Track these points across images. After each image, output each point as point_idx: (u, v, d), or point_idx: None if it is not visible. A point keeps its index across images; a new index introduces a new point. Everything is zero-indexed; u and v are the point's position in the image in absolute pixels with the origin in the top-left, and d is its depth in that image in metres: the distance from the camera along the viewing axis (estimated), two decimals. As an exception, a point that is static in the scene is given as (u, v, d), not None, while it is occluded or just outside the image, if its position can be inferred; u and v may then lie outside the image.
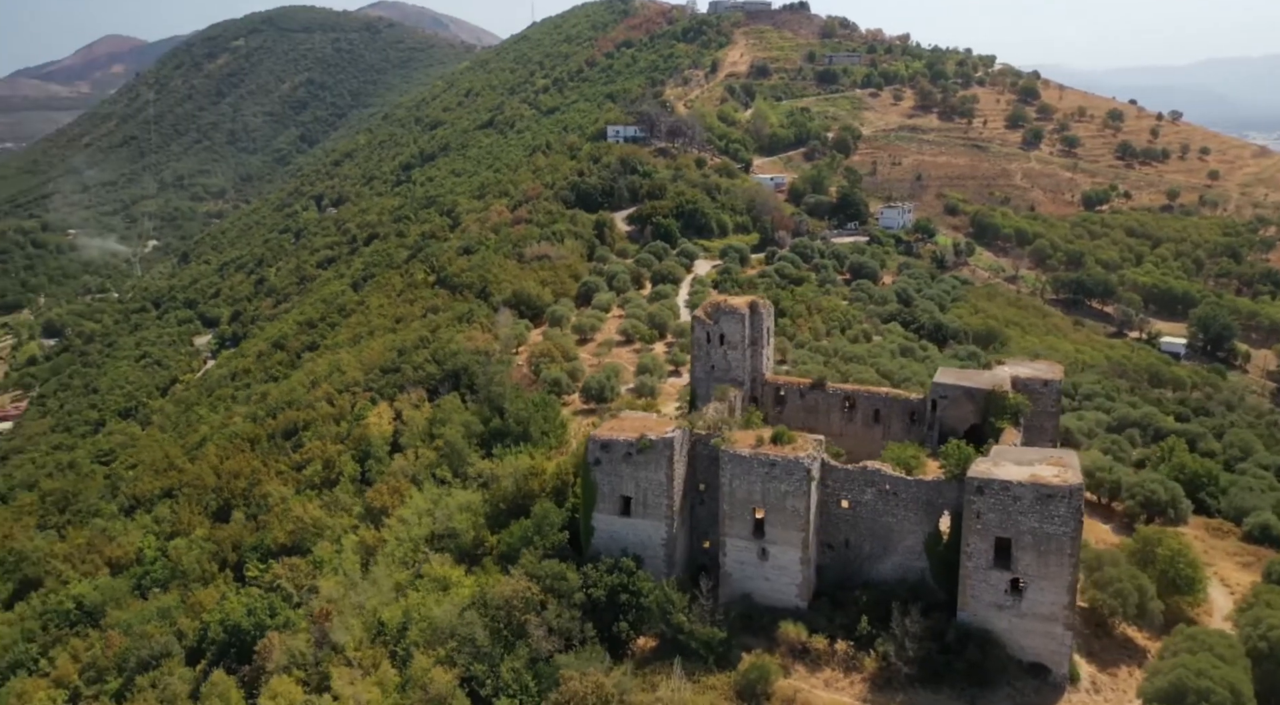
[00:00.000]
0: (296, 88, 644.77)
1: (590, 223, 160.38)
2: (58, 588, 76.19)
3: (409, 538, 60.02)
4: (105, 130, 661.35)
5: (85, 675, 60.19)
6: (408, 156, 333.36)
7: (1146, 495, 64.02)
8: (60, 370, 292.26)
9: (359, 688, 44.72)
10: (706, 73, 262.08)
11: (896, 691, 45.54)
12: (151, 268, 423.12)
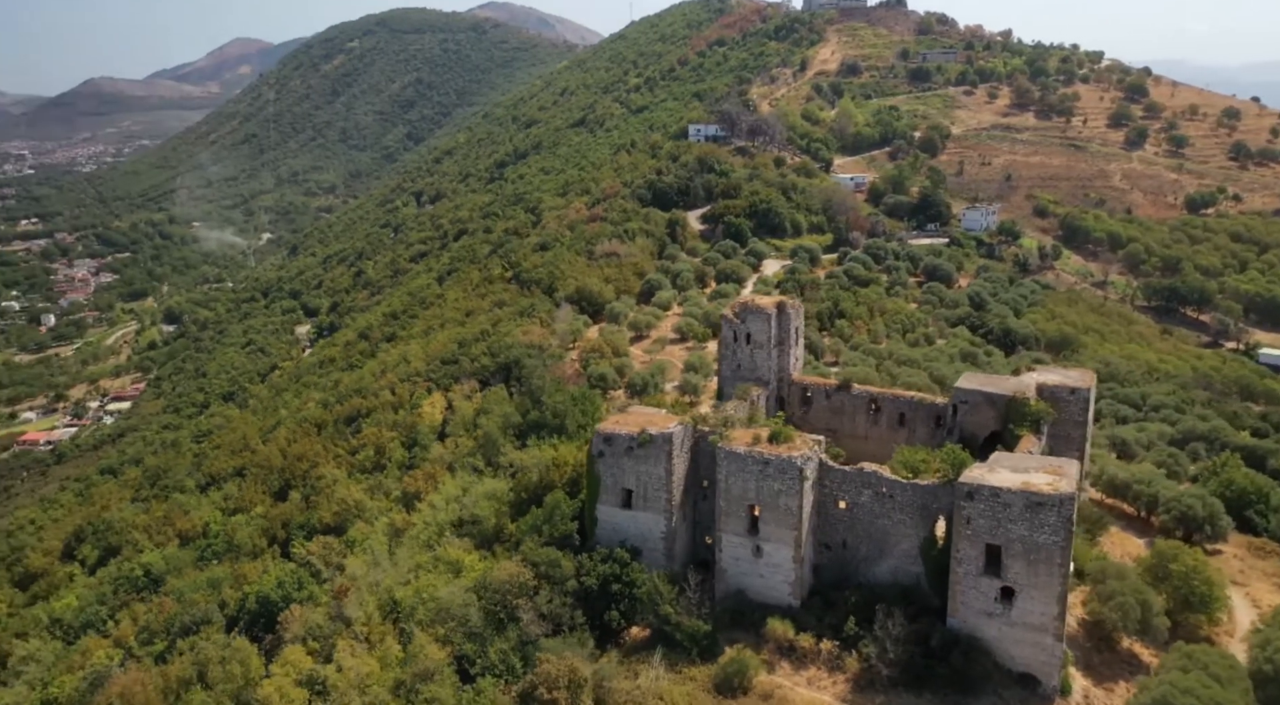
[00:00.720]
0: (405, 87, 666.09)
1: (663, 221, 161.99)
2: (132, 556, 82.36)
3: (435, 522, 62.90)
4: (229, 128, 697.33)
5: (140, 637, 65.36)
6: (502, 154, 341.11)
7: (1182, 510, 61.77)
8: (175, 355, 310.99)
9: (360, 660, 47.56)
10: (795, 71, 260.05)
11: (877, 693, 45.71)
12: (264, 259, 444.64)
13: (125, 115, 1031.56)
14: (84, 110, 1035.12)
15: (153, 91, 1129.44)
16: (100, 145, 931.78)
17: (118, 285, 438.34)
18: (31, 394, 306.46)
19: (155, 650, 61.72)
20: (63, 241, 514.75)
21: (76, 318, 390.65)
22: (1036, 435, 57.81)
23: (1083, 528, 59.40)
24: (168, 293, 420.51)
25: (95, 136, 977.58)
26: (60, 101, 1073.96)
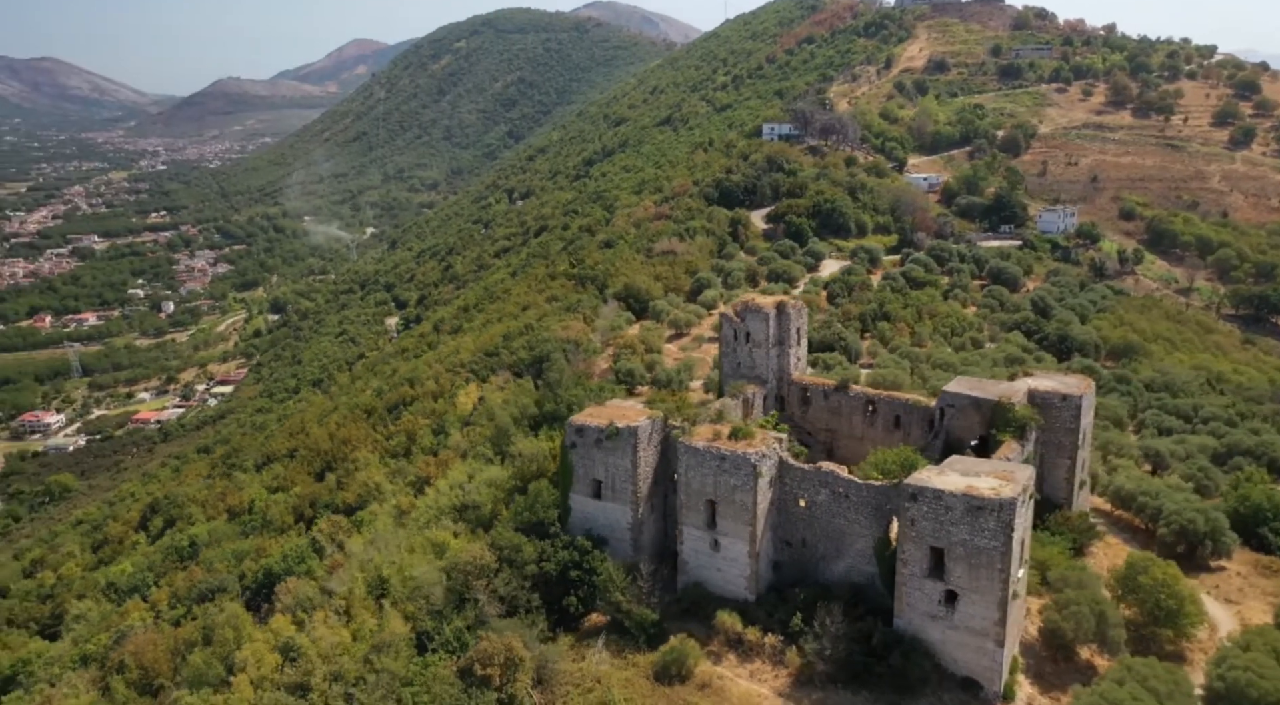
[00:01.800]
0: (508, 86, 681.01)
1: (726, 219, 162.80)
2: (185, 528, 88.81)
3: (436, 506, 66.18)
4: (342, 126, 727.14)
5: (170, 601, 70.90)
6: (590, 152, 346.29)
7: (1182, 524, 59.94)
8: (276, 342, 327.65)
9: (333, 631, 50.95)
10: (879, 68, 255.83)
11: (815, 689, 46.48)
12: (365, 253, 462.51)
13: (250, 114, 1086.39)
14: (213, 109, 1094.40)
15: (276, 91, 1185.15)
16: (227, 142, 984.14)
17: (232, 275, 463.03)
18: (147, 376, 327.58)
19: (177, 614, 67.05)
20: (187, 233, 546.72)
21: (193, 305, 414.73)
22: (1020, 441, 57.18)
23: (1069, 537, 58.62)
24: (275, 283, 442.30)
25: (222, 134, 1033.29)
26: (192, 101, 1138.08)
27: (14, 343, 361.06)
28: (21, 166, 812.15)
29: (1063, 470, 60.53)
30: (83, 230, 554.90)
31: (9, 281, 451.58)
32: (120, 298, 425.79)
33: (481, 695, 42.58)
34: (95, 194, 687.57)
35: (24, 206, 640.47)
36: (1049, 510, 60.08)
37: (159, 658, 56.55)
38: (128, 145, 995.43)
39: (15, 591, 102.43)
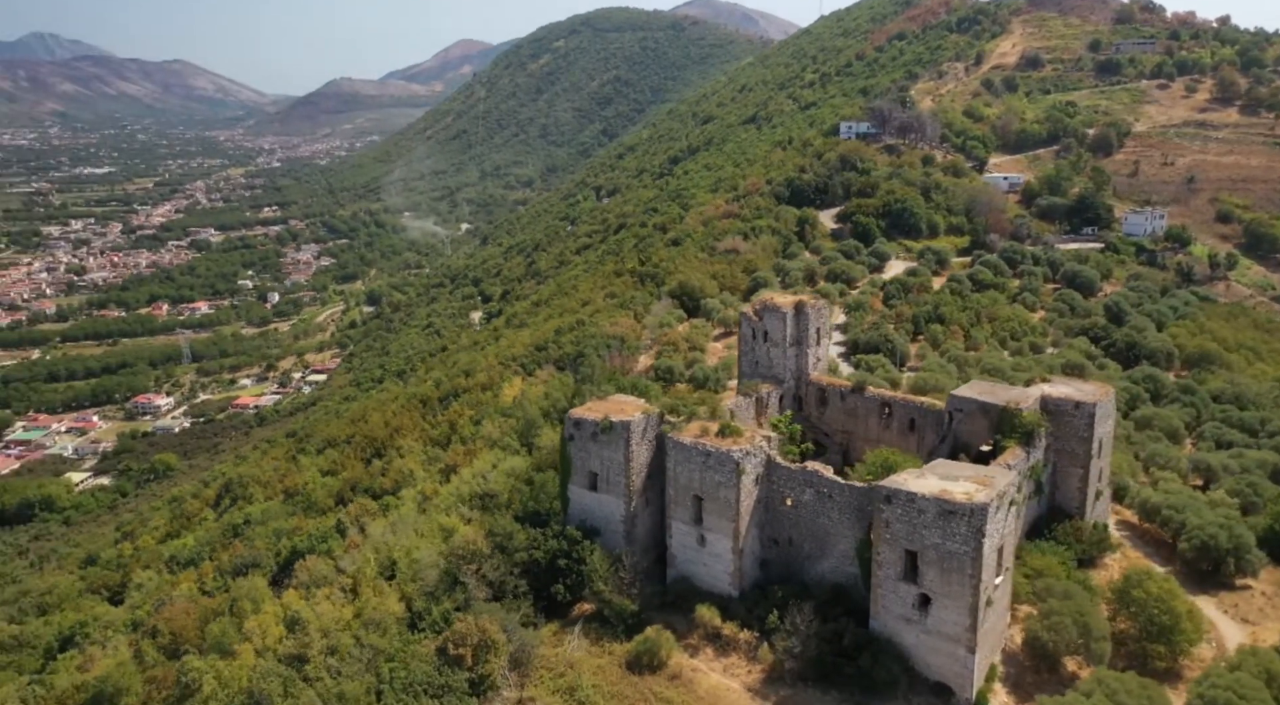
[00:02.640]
0: (604, 85, 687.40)
1: (793, 219, 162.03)
2: (244, 506, 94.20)
3: (457, 493, 68.71)
4: (443, 125, 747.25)
5: (214, 574, 75.60)
6: (676, 150, 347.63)
7: (1204, 540, 57.68)
8: (369, 333, 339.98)
9: (334, 607, 53.83)
10: (968, 65, 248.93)
11: (785, 686, 46.88)
12: (459, 248, 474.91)
13: (360, 113, 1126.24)
14: (326, 108, 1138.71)
15: (385, 91, 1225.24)
16: (337, 140, 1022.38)
17: (333, 268, 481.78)
18: (250, 363, 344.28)
19: (216, 585, 71.54)
20: (294, 228, 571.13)
21: (295, 297, 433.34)
22: (1025, 448, 56.09)
23: (1077, 547, 57.20)
24: (373, 277, 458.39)
25: (334, 132, 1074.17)
26: (307, 101, 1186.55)
27: (134, 329, 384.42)
28: (151, 163, 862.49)
29: (1075, 479, 59.02)
30: (201, 224, 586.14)
31: (133, 271, 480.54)
32: (231, 288, 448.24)
33: (453, 674, 44.58)
34: (215, 189, 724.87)
35: (150, 201, 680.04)
36: (1061, 519, 58.77)
37: (187, 625, 60.75)
38: (247, 143, 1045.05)
39: (101, 560, 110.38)
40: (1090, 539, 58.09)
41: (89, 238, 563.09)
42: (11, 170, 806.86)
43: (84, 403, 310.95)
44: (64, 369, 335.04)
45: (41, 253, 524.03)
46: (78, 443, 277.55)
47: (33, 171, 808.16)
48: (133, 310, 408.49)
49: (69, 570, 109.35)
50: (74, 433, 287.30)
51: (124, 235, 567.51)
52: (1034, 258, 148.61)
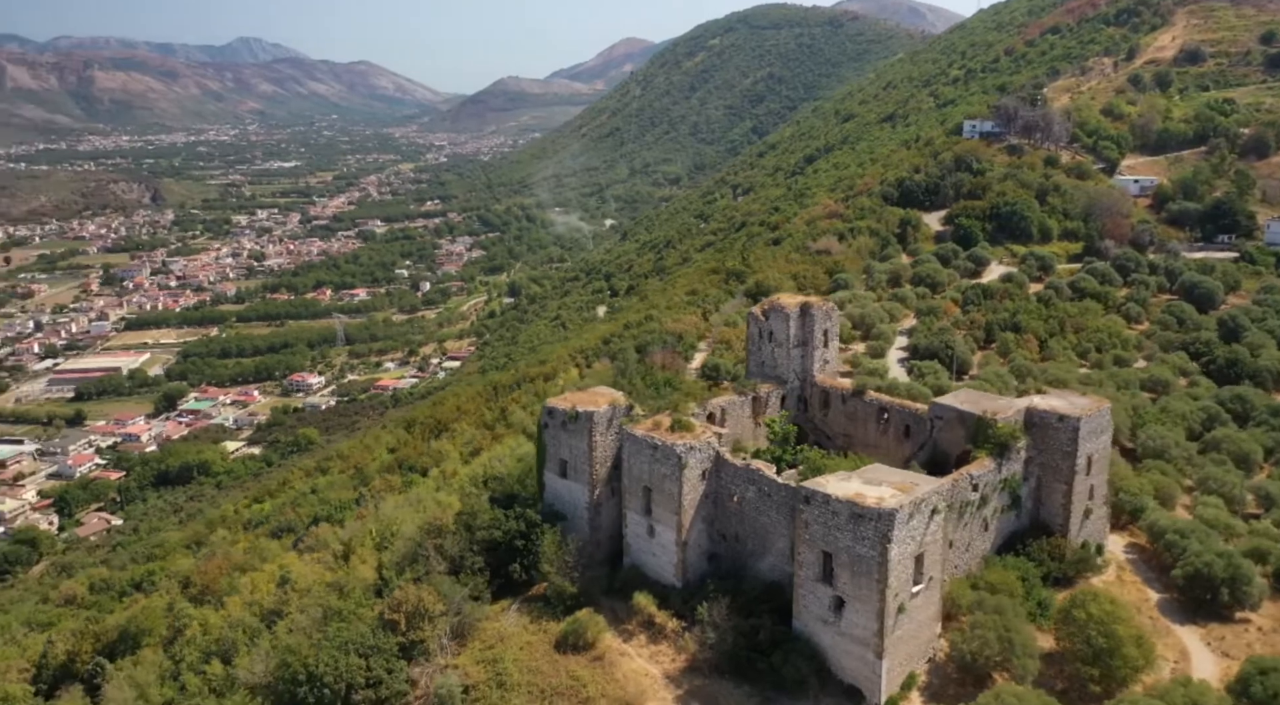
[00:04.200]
0: (757, 82, 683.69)
1: (896, 220, 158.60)
2: (318, 478, 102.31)
3: (470, 475, 72.73)
4: (598, 122, 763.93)
5: (261, 535, 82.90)
6: (812, 149, 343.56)
7: (1198, 568, 54.27)
8: (504, 323, 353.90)
9: (316, 571, 58.60)
10: (1117, 60, 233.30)
11: (701, 676, 47.94)
12: (601, 243, 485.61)
13: (525, 111, 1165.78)
14: (493, 107, 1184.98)
15: (549, 89, 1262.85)
16: (501, 137, 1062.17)
17: (482, 260, 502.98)
18: (396, 347, 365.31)
19: (254, 545, 78.65)
20: (452, 220, 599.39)
21: (444, 286, 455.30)
22: (997, 459, 54.57)
23: (1054, 566, 55.11)
24: (517, 269, 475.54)
25: (499, 129, 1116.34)
26: (476, 99, 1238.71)
27: (299, 312, 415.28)
28: (332, 158, 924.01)
29: (1059, 495, 56.70)
30: (369, 215, 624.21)
31: (305, 258, 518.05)
32: (388, 276, 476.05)
33: (386, 637, 48.23)
34: (385, 183, 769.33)
35: (328, 193, 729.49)
36: (1043, 536, 56.65)
37: (215, 574, 67.53)
38: (419, 139, 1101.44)
39: (204, 519, 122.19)
40: (1072, 558, 55.73)
41: (271, 226, 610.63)
42: (214, 163, 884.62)
43: (248, 378, 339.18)
44: (235, 346, 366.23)
45: (230, 239, 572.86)
46: (238, 414, 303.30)
47: (231, 165, 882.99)
48: (300, 295, 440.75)
49: (194, 528, 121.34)
50: (236, 405, 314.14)
51: (301, 225, 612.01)
52: (1150, 266, 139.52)
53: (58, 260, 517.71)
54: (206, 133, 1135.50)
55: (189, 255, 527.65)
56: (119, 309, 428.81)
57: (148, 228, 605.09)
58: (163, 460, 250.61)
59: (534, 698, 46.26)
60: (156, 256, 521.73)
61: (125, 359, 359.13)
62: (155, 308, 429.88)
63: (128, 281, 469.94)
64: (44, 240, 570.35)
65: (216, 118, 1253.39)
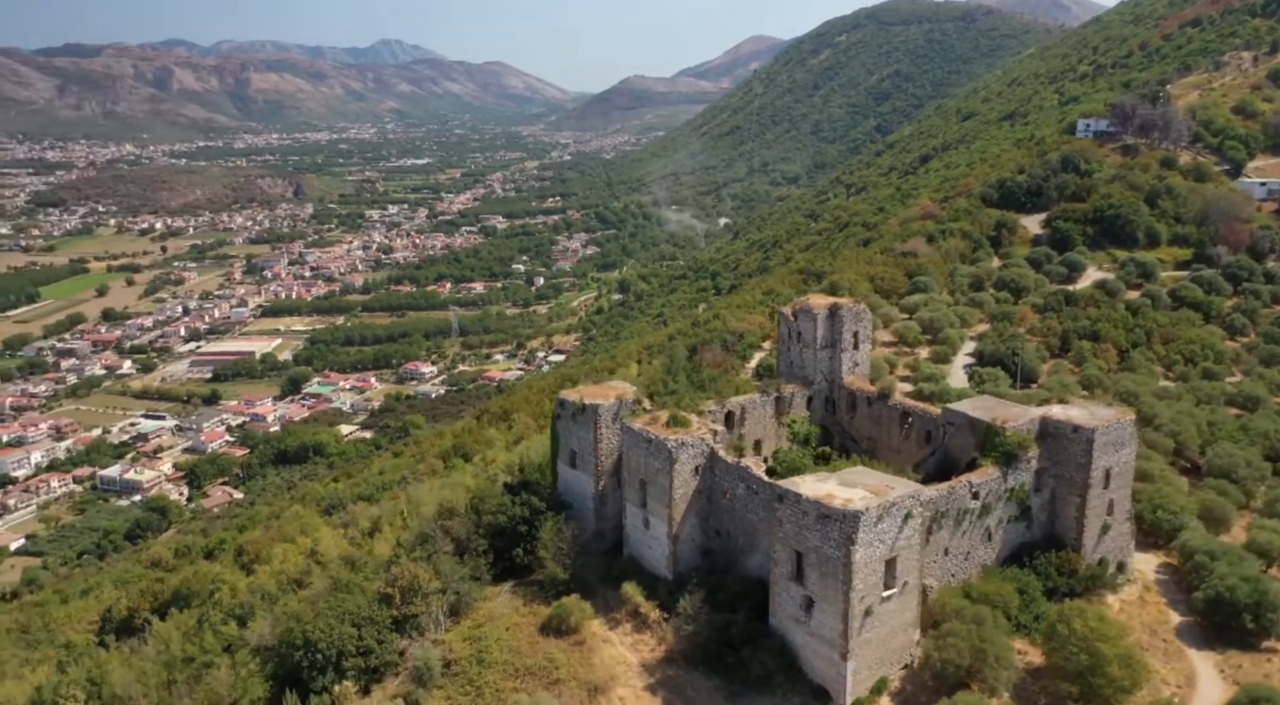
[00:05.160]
0: (882, 80, 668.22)
1: (991, 222, 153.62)
2: (390, 461, 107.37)
3: (505, 462, 75.26)
4: (719, 121, 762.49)
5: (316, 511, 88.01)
6: (928, 148, 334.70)
7: (1219, 592, 51.39)
8: (611, 320, 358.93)
9: (339, 544, 61.99)
10: (1259, 54, 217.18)
11: (675, 667, 48.68)
12: (713, 242, 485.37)
13: (649, 109, 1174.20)
14: (618, 105, 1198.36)
15: (674, 88, 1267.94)
16: (625, 136, 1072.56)
17: (596, 257, 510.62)
18: (506, 340, 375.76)
19: (305, 518, 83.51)
20: (570, 217, 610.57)
21: (557, 282, 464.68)
22: (1003, 468, 53.12)
23: (1062, 581, 53.25)
24: (630, 266, 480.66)
25: (624, 128, 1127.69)
26: (602, 98, 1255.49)
27: (418, 303, 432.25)
28: (461, 156, 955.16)
29: (1072, 508, 54.63)
30: (492, 211, 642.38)
31: (428, 252, 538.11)
32: (505, 271, 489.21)
33: (380, 610, 50.96)
34: (510, 181, 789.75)
35: (455, 190, 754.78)
36: (1055, 549, 54.72)
37: (264, 544, 72.36)
38: (545, 138, 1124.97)
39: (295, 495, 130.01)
40: (1085, 574, 53.65)
41: (400, 221, 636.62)
42: (352, 160, 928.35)
43: (367, 365, 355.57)
44: (358, 335, 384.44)
45: (361, 233, 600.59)
46: (355, 400, 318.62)
47: (368, 161, 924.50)
48: (421, 287, 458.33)
49: (280, 503, 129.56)
50: (355, 391, 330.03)
51: (428, 220, 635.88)
52: (1266, 275, 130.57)
53: (207, 250, 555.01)
54: (348, 131, 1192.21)
55: (323, 247, 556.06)
56: (257, 297, 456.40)
57: (288, 221, 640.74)
58: (282, 440, 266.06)
59: (508, 675, 48.08)
60: (294, 248, 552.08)
61: (259, 344, 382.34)
62: (289, 296, 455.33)
63: (267, 271, 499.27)
64: (197, 231, 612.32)
65: (358, 117, 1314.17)
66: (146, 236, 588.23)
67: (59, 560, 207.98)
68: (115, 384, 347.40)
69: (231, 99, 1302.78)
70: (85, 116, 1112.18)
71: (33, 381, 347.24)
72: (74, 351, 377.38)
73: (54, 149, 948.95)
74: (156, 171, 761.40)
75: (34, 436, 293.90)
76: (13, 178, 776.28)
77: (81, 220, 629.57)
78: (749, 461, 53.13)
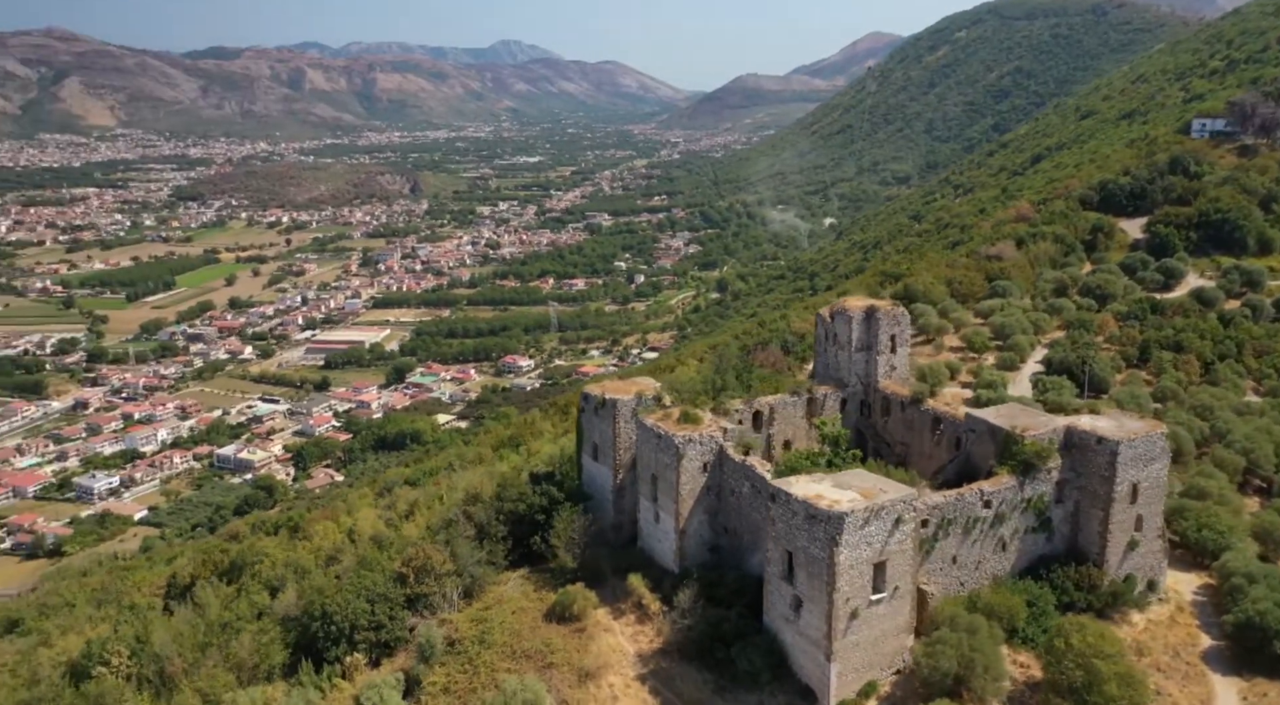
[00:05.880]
0: (1002, 77, 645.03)
1: (1086, 226, 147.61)
2: (459, 450, 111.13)
3: (548, 452, 77.15)
4: (829, 120, 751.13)
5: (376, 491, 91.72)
6: (1042, 148, 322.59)
7: (1249, 616, 48.77)
8: (706, 318, 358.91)
9: (374, 525, 64.84)
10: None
11: (668, 659, 49.35)
12: (815, 242, 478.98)
13: (761, 108, 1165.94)
14: (730, 103, 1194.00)
15: (787, 86, 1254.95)
16: (735, 134, 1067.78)
17: (698, 256, 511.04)
18: (602, 337, 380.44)
19: (353, 499, 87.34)
20: (675, 216, 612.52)
21: (656, 280, 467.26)
22: (1019, 477, 51.74)
23: (1079, 596, 51.50)
24: (730, 265, 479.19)
25: (734, 126, 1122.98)
26: (713, 96, 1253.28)
27: (521, 298, 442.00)
28: (573, 154, 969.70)
29: (1096, 522, 52.68)
30: (599, 209, 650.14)
31: (534, 248, 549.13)
32: (607, 268, 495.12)
33: (395, 588, 53.39)
34: (618, 179, 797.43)
35: (564, 187, 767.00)
36: (1074, 563, 52.92)
37: (311, 523, 76.28)
38: (656, 136, 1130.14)
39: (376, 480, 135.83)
40: (1105, 590, 51.71)
41: (509, 217, 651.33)
42: (468, 158, 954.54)
43: (468, 357, 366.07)
44: (461, 327, 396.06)
45: (471, 228, 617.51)
46: (454, 390, 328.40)
47: (482, 159, 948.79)
48: (524, 282, 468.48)
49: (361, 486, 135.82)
50: (455, 381, 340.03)
51: (536, 216, 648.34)
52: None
53: (327, 243, 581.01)
54: (466, 130, 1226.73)
55: (435, 242, 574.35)
56: (370, 288, 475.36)
57: (404, 216, 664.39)
58: (383, 427, 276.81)
59: (505, 657, 49.71)
60: (408, 242, 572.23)
61: (369, 334, 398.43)
62: (400, 289, 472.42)
63: (381, 264, 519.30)
64: (319, 225, 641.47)
65: (475, 116, 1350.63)
66: (273, 229, 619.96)
67: (175, 532, 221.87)
68: (236, 368, 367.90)
69: (358, 98, 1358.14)
70: (225, 115, 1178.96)
71: (164, 364, 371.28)
72: (202, 337, 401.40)
73: (196, 146, 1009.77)
74: (285, 168, 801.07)
75: (162, 415, 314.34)
76: (158, 173, 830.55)
77: (216, 213, 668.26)
78: (754, 461, 53.27)
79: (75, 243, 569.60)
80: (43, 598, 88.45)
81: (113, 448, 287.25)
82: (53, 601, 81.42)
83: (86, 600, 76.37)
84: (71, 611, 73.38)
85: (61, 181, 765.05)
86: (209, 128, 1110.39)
